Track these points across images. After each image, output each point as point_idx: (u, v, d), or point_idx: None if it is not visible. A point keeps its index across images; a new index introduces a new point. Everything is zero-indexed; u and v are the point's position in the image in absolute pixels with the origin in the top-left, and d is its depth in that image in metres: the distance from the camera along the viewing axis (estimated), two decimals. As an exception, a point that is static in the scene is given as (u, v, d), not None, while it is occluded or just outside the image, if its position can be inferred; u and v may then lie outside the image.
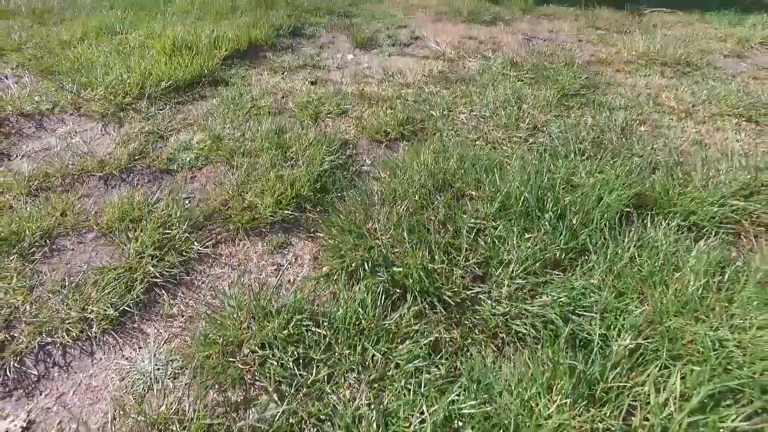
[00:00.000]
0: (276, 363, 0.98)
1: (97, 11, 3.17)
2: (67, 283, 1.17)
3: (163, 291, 1.18)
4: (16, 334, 1.06)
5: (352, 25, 2.88)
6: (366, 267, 1.19)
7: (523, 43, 2.68)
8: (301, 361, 0.99)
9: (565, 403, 0.90)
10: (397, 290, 1.15)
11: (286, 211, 1.37)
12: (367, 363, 1.00)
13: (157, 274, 1.19)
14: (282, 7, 3.16)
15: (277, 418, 0.89)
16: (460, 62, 2.37)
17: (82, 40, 2.63)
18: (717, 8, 3.26)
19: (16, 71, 2.35)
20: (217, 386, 0.97)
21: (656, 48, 2.48)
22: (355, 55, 2.53)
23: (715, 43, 2.75)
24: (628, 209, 1.42)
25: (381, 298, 1.12)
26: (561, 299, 1.13)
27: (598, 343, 1.03)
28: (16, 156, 1.73)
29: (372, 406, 0.91)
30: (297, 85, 2.14)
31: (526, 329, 1.07)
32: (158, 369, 1.01)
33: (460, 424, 0.90)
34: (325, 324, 1.05)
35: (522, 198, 1.37)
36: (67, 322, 1.08)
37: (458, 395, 0.93)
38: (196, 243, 1.29)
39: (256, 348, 1.00)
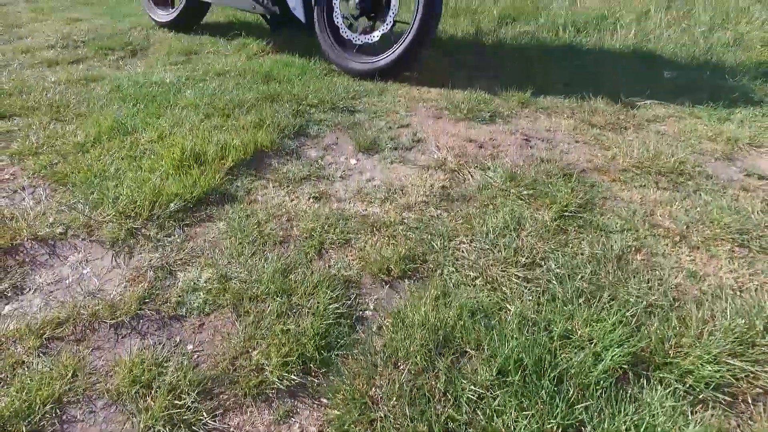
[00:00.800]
0: None
1: (111, 104, 3.30)
2: (77, 469, 1.20)
3: (172, 477, 1.21)
4: None
5: (355, 124, 2.99)
6: (369, 448, 1.22)
7: (522, 144, 2.77)
8: None
9: None
10: (400, 478, 1.18)
11: (293, 376, 1.41)
12: None
13: (167, 458, 1.22)
14: (287, 100, 3.28)
15: None
16: (461, 173, 2.45)
17: (95, 143, 2.74)
18: (706, 100, 3.37)
19: (32, 180, 2.44)
20: None
21: (650, 155, 2.57)
22: (358, 160, 2.63)
23: (706, 143, 2.84)
24: (624, 366, 1.45)
25: (384, 491, 1.14)
26: (560, 489, 1.15)
27: None
28: (29, 289, 1.79)
29: None
30: (301, 204, 2.22)
31: None
32: None
33: None
34: None
35: (520, 364, 1.41)
36: None
37: None
38: (205, 414, 1.33)
39: None
